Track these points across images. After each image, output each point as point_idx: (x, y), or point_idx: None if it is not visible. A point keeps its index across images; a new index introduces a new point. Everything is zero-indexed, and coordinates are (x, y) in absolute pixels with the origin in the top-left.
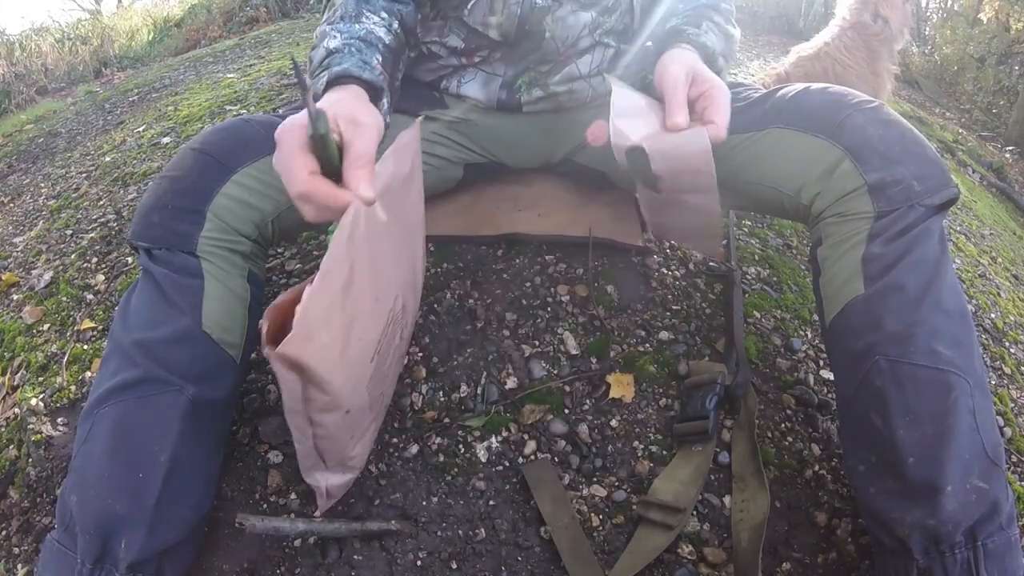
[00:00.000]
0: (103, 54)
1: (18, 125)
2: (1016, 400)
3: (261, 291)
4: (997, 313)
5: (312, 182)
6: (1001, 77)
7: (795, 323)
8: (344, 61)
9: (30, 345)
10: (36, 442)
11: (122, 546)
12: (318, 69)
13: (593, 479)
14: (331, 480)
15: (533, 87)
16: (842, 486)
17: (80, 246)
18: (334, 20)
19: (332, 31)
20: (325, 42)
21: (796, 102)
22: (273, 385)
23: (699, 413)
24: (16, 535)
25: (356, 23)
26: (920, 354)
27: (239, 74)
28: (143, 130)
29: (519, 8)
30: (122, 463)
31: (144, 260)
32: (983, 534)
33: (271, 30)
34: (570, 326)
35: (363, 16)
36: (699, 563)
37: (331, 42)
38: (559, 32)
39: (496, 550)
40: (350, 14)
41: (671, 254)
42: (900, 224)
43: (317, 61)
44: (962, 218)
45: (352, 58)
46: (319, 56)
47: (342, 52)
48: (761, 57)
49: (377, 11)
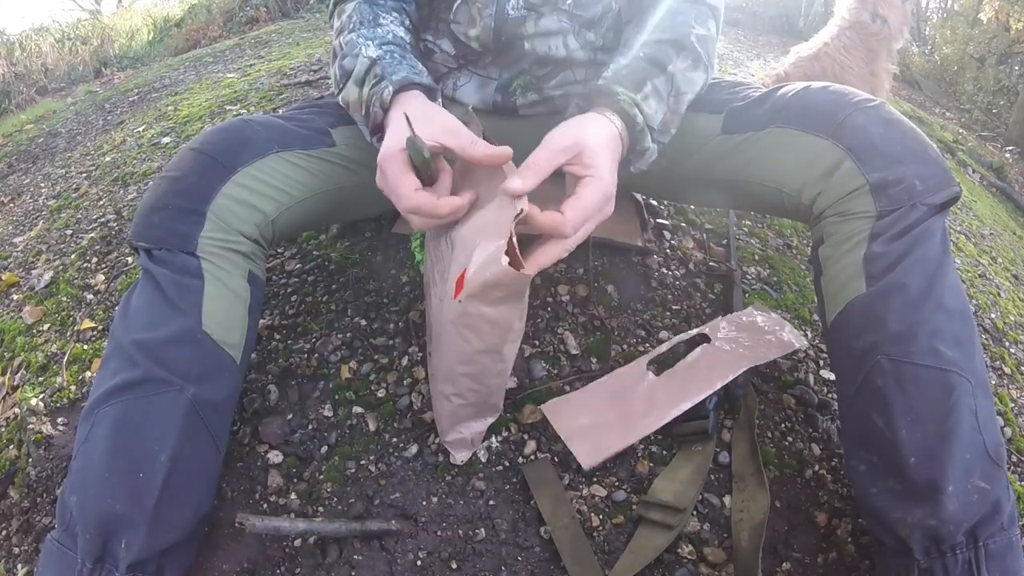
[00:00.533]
0: (103, 54)
1: (18, 125)
2: (1016, 400)
3: (261, 291)
4: (997, 313)
5: (418, 198)
6: (1001, 77)
7: (795, 323)
8: (397, 70)
9: (30, 345)
10: (36, 442)
11: (122, 546)
12: (367, 78)
13: (593, 479)
14: (475, 428)
15: (528, 91)
16: (842, 486)
17: (80, 246)
18: (355, 27)
19: (361, 39)
20: (361, 51)
21: (797, 101)
22: (273, 385)
23: (699, 413)
24: (16, 535)
25: (376, 27)
26: (922, 354)
27: (239, 74)
28: (143, 130)
29: (492, 21)
30: (122, 463)
31: (144, 260)
32: (984, 534)
33: (271, 30)
34: (570, 326)
35: (380, 18)
36: (699, 563)
37: (368, 50)
38: (539, 44)
39: (496, 550)
40: (367, 19)
41: (671, 254)
42: (902, 223)
43: (362, 71)
44: (962, 218)
45: (401, 65)
46: (362, 66)
47: (384, 59)
48: (761, 57)
49: (388, 11)
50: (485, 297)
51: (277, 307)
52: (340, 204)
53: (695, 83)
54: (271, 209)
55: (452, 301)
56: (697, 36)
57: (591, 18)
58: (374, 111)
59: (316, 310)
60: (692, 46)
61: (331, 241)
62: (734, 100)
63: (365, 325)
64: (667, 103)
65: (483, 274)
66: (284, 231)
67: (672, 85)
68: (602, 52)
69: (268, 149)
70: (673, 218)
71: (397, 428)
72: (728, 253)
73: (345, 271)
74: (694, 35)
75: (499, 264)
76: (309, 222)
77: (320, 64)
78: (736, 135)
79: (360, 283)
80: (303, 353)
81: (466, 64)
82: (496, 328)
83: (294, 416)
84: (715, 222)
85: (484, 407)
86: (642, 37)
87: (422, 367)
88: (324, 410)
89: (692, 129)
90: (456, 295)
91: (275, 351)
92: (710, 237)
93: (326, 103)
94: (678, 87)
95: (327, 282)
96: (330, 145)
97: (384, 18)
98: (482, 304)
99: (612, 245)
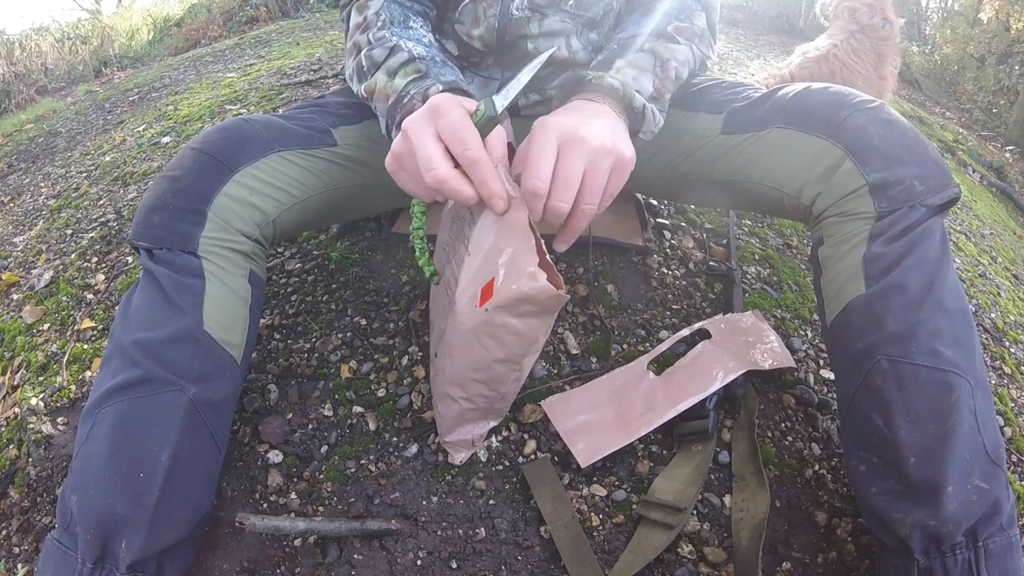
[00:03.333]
0: (103, 54)
1: (18, 124)
2: (1016, 400)
3: (261, 291)
4: (997, 313)
5: (455, 174)
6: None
7: (795, 322)
8: (445, 72)
9: (30, 345)
10: (36, 442)
11: (122, 546)
12: (406, 70)
13: (593, 478)
14: (476, 431)
15: (531, 91)
16: (842, 486)
17: (80, 246)
18: (385, 25)
19: (395, 36)
20: (401, 44)
21: (797, 102)
22: (273, 385)
23: (699, 413)
24: (16, 535)
25: (408, 28)
26: (921, 354)
27: (239, 73)
28: (143, 130)
29: (496, 21)
30: (123, 463)
31: (145, 260)
32: (984, 534)
33: (271, 29)
34: (570, 325)
35: (410, 21)
36: (699, 562)
37: (410, 45)
38: (542, 44)
39: (496, 549)
40: (398, 19)
41: (671, 254)
42: (901, 224)
43: (398, 62)
44: (962, 218)
45: (447, 68)
46: (400, 58)
47: (427, 59)
48: (761, 57)
49: (416, 15)
50: (514, 309)
51: (277, 307)
52: (340, 204)
53: (677, 53)
54: (272, 209)
55: (474, 307)
56: (675, 27)
57: (592, 18)
58: (411, 103)
59: (316, 310)
60: (667, 34)
61: (331, 241)
62: (734, 100)
63: (365, 324)
64: (654, 73)
65: (517, 287)
66: (285, 231)
67: (654, 58)
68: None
69: (269, 149)
70: (673, 218)
71: (397, 427)
72: (728, 253)
73: (345, 271)
74: (672, 27)
75: (535, 280)
76: (309, 222)
77: (320, 64)
78: (736, 135)
79: (360, 283)
80: (303, 352)
81: (469, 65)
82: (521, 340)
83: (294, 416)
84: (715, 222)
85: (491, 411)
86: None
87: (422, 366)
88: (324, 409)
89: (692, 129)
90: (481, 303)
91: (275, 351)
92: (710, 237)
93: (327, 103)
94: (660, 56)
95: (327, 282)
96: (331, 145)
97: (414, 22)
98: (509, 316)
99: (612, 245)
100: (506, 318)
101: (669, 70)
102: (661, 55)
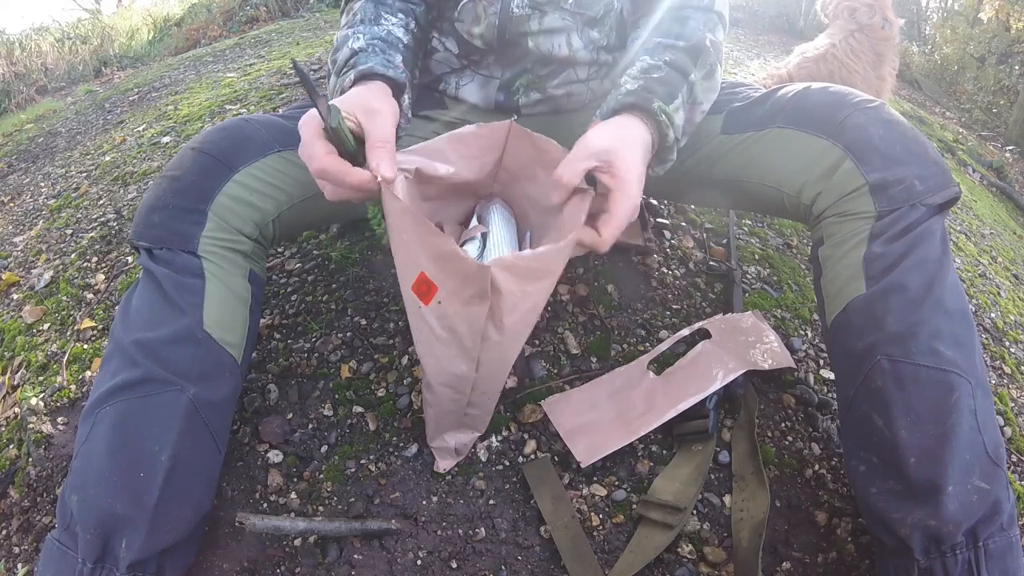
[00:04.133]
0: (103, 53)
1: (18, 124)
2: (1016, 400)
3: (261, 291)
4: (997, 313)
5: (327, 160)
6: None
7: (795, 322)
8: (369, 60)
9: (30, 344)
10: (36, 441)
11: (122, 545)
12: (344, 68)
13: (593, 478)
14: (460, 439)
15: (531, 90)
16: (842, 486)
17: (80, 245)
18: (354, 23)
19: (355, 33)
20: (349, 43)
21: (797, 101)
22: (273, 385)
23: (699, 412)
24: (16, 534)
25: (376, 25)
26: (922, 354)
27: (239, 73)
28: (143, 129)
29: (496, 19)
30: (123, 463)
31: (145, 260)
32: (984, 534)
33: (271, 29)
34: (570, 325)
35: (381, 18)
36: (699, 562)
37: (355, 43)
38: (542, 42)
39: (496, 549)
40: (369, 17)
41: (671, 253)
42: (901, 224)
43: (342, 61)
44: (962, 218)
45: (376, 56)
46: (344, 56)
47: (366, 51)
48: (761, 57)
49: (394, 12)
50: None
51: (277, 306)
52: (340, 203)
53: (711, 93)
54: (272, 208)
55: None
56: (711, 42)
57: (593, 16)
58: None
59: (316, 309)
60: (708, 52)
61: (331, 241)
62: (734, 100)
63: (365, 324)
64: (685, 110)
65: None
66: (285, 230)
67: (691, 94)
68: (605, 51)
69: (269, 148)
70: (673, 217)
71: (397, 427)
72: (728, 252)
73: (345, 271)
74: (708, 41)
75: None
76: (310, 221)
77: (320, 64)
78: (736, 135)
79: (360, 283)
80: (303, 352)
81: (469, 63)
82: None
83: (294, 415)
84: (715, 222)
85: (465, 420)
86: (656, 39)
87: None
88: (324, 409)
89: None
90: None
91: (275, 350)
92: (710, 237)
93: None
94: (695, 97)
95: (327, 281)
96: None
97: (386, 19)
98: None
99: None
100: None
101: (695, 114)
102: (696, 95)
